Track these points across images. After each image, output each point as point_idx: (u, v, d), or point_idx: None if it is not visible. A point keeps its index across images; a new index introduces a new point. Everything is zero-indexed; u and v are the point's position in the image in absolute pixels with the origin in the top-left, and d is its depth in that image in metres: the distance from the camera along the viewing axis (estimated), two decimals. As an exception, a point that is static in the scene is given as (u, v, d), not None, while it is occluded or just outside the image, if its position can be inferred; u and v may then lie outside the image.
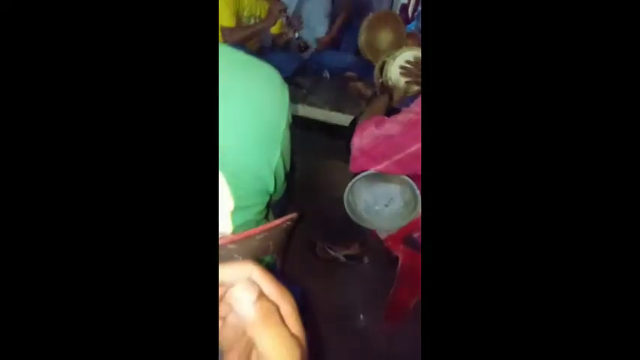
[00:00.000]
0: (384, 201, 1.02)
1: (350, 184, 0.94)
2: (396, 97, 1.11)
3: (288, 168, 0.52)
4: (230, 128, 0.40)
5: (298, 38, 1.70)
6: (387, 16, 1.60)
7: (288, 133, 0.47)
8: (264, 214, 0.53)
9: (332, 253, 1.25)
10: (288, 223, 0.50)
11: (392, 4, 2.73)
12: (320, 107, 1.48)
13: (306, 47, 1.76)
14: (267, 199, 0.51)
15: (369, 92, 1.53)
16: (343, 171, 1.01)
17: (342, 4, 1.80)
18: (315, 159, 1.32)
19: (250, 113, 0.41)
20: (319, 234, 1.29)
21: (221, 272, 0.18)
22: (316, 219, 1.24)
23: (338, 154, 1.13)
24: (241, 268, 0.18)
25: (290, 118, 0.47)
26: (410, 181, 0.90)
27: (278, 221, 0.48)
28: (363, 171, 0.92)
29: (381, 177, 0.96)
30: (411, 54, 1.15)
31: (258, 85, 0.42)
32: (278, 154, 0.46)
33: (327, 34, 1.76)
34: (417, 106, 0.81)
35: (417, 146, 0.79)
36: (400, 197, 1.02)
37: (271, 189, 0.49)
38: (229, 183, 0.41)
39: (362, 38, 1.56)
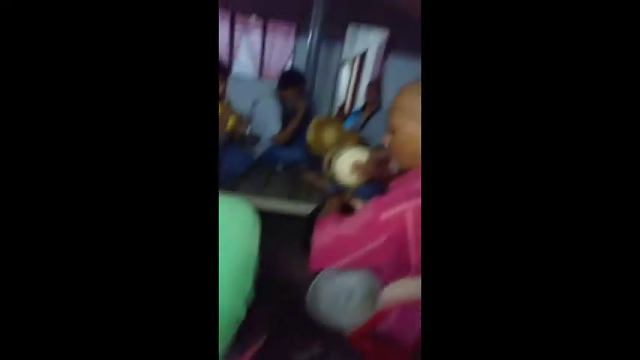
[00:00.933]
0: (345, 295, 1.03)
1: (312, 285, 0.95)
2: (346, 197, 1.17)
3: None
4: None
5: (250, 133, 1.90)
6: (328, 120, 1.86)
7: (259, 255, 0.50)
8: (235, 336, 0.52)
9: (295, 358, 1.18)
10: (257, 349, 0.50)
11: (331, 107, 3.45)
12: (276, 198, 1.54)
13: (257, 139, 1.96)
14: (238, 323, 0.51)
15: (321, 182, 1.64)
16: (302, 267, 1.02)
17: (296, 106, 2.01)
18: (273, 255, 1.32)
19: (227, 256, 0.44)
20: (279, 339, 1.22)
21: None
22: (276, 322, 1.19)
23: (296, 248, 1.15)
24: None
25: (260, 240, 0.50)
26: (369, 272, 0.94)
27: (250, 352, 0.48)
28: (322, 269, 0.94)
29: (340, 272, 0.99)
30: (357, 153, 1.29)
31: (233, 223, 0.46)
32: (251, 281, 0.48)
33: (279, 132, 1.94)
34: (372, 204, 0.85)
35: (374, 244, 0.84)
36: (360, 288, 1.04)
37: (243, 316, 0.49)
38: None
39: (309, 137, 1.75)
